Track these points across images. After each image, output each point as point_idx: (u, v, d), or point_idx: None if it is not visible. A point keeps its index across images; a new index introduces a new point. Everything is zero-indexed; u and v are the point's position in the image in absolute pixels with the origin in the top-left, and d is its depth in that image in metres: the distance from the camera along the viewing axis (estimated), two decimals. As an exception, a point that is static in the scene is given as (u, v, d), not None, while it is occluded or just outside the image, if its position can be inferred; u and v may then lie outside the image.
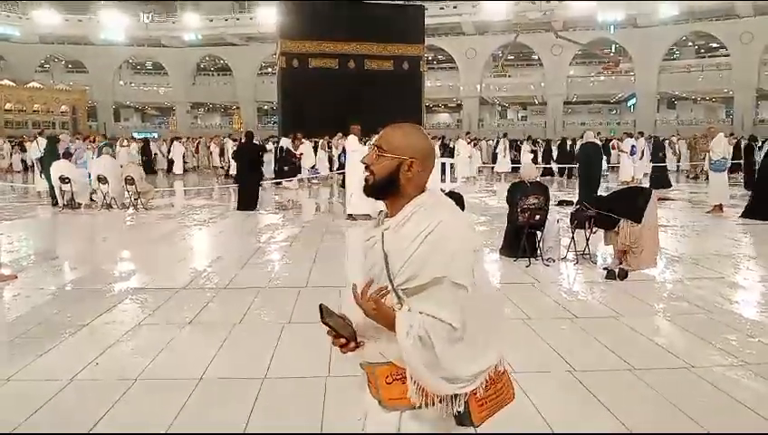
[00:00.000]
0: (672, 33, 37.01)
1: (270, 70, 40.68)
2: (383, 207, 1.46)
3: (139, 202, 10.67)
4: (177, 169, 20.56)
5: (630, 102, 41.67)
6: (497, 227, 7.63)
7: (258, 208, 10.68)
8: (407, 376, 1.32)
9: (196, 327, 4.11)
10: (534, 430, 2.64)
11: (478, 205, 11.33)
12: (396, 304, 1.33)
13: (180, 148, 20.99)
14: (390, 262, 1.33)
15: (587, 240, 6.10)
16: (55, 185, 10.67)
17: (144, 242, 7.93)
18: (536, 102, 43.87)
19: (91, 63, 42.03)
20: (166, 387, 3.11)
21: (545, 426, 2.67)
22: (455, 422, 1.36)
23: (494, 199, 12.33)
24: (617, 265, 5.53)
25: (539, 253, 6.16)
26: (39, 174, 11.93)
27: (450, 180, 14.33)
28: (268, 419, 2.78)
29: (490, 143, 25.06)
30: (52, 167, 10.69)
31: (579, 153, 11.23)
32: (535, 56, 41.28)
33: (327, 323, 1.37)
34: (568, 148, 20.24)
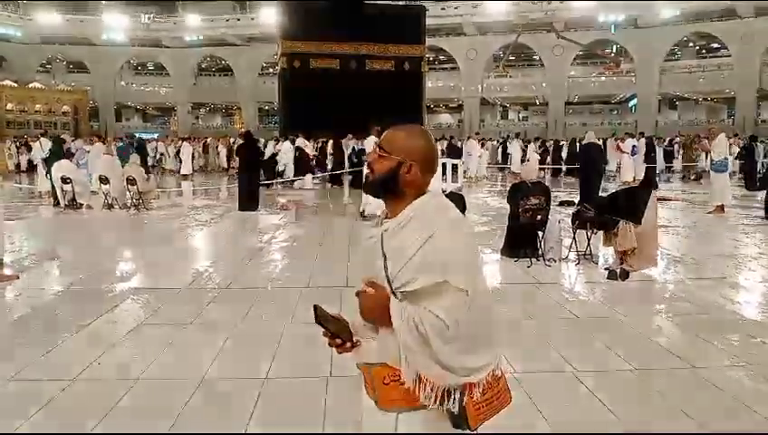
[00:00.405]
0: (673, 33, 37.03)
1: (271, 70, 40.71)
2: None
3: (141, 202, 10.68)
4: (185, 169, 19.72)
5: (631, 103, 41.67)
6: (500, 226, 7.63)
7: (259, 209, 10.65)
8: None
9: (197, 327, 4.11)
10: (535, 431, 2.64)
11: (486, 206, 11.31)
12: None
13: (189, 148, 20.32)
14: (388, 264, 1.34)
15: (588, 241, 6.11)
16: (57, 185, 10.69)
17: (145, 242, 7.94)
18: (537, 103, 43.89)
19: (93, 64, 42.15)
20: (167, 387, 3.11)
21: (546, 426, 2.67)
22: (451, 425, 1.36)
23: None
24: (618, 265, 5.53)
25: (540, 253, 6.16)
26: (45, 174, 11.94)
27: (451, 181, 14.29)
28: (269, 419, 2.78)
29: (494, 144, 25.09)
30: (53, 167, 10.70)
31: (580, 154, 11.23)
32: (536, 57, 41.31)
33: (322, 323, 1.37)
34: (577, 148, 20.21)
